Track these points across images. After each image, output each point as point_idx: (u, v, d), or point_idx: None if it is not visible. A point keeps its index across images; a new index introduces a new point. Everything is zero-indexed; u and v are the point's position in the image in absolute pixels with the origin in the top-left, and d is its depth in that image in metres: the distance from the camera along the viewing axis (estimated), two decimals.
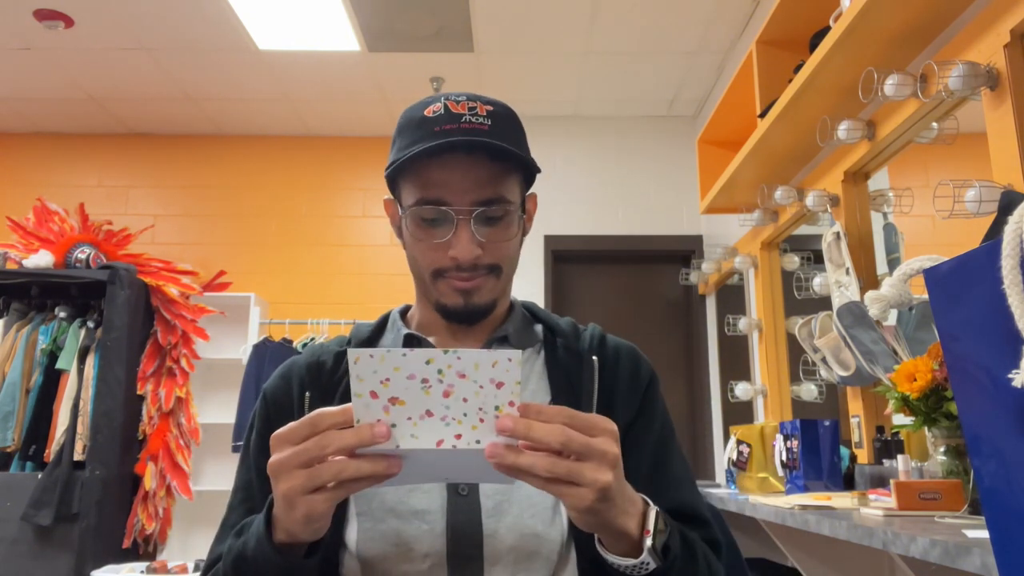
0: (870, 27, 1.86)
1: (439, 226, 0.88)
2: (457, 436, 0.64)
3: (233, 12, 3.39)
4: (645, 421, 0.92)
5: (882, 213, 2.36)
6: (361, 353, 0.64)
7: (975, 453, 0.65)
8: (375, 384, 0.64)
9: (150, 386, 3.80)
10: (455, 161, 0.86)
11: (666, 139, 4.39)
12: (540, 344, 0.97)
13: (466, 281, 0.89)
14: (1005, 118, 1.59)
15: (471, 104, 0.89)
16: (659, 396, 0.96)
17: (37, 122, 4.56)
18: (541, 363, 0.95)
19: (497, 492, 0.83)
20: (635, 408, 0.91)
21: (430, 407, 0.64)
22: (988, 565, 0.93)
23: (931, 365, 1.50)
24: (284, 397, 0.93)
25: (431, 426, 0.64)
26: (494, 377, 0.64)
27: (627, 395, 0.92)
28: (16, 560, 3.39)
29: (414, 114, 0.90)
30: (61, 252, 3.78)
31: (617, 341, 0.99)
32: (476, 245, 0.87)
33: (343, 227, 4.57)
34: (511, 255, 0.93)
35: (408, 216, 0.90)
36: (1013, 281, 0.59)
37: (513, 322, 0.97)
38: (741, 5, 3.36)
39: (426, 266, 0.91)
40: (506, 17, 3.45)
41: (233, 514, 0.88)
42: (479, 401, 0.64)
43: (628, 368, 0.94)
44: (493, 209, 0.88)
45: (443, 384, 0.64)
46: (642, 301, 4.28)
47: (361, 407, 0.64)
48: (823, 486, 2.02)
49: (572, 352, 0.94)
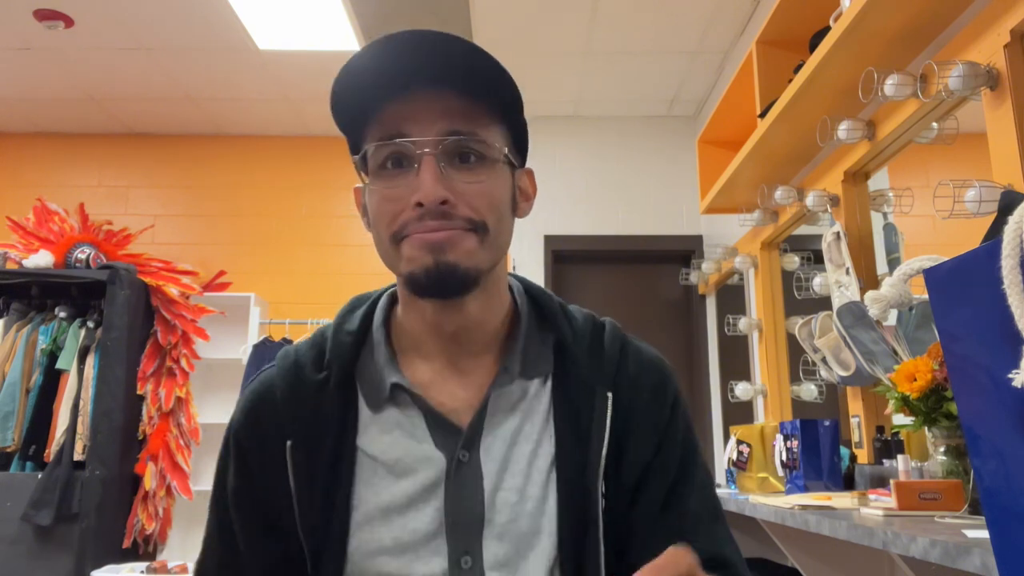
0: (870, 27, 1.86)
1: (401, 174, 0.73)
2: None
3: (233, 12, 3.39)
4: (663, 458, 0.79)
5: (882, 213, 2.36)
6: None
7: (975, 453, 0.65)
8: None
9: (150, 386, 3.80)
10: (417, 96, 0.72)
11: (666, 139, 4.39)
12: (549, 373, 0.81)
13: (435, 232, 0.71)
14: (1005, 118, 1.59)
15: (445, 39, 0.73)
16: (680, 423, 0.81)
17: (37, 122, 4.56)
18: (548, 398, 0.80)
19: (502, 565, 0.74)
20: (653, 444, 0.79)
21: None
22: (988, 565, 0.93)
23: (931, 365, 1.50)
24: (259, 443, 0.78)
25: None
26: None
27: (644, 434, 0.79)
28: (16, 560, 3.39)
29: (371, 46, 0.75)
30: (61, 252, 3.78)
31: (639, 359, 0.83)
32: (443, 186, 0.71)
33: (343, 227, 4.56)
34: (495, 207, 0.74)
35: (368, 174, 0.75)
36: (1013, 281, 0.59)
37: (521, 346, 0.80)
38: (741, 5, 3.35)
39: (386, 227, 0.73)
40: (506, 17, 3.45)
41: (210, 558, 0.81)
42: None
43: (647, 400, 0.80)
44: (464, 142, 0.72)
45: None
46: (642, 301, 4.28)
47: None
48: (823, 486, 2.02)
49: (583, 386, 0.79)
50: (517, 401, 0.79)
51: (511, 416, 0.78)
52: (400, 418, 0.77)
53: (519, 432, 0.78)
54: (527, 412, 0.79)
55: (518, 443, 0.77)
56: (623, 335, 0.85)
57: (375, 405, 0.78)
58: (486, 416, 0.77)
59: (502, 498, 0.75)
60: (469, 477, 0.75)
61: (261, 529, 0.78)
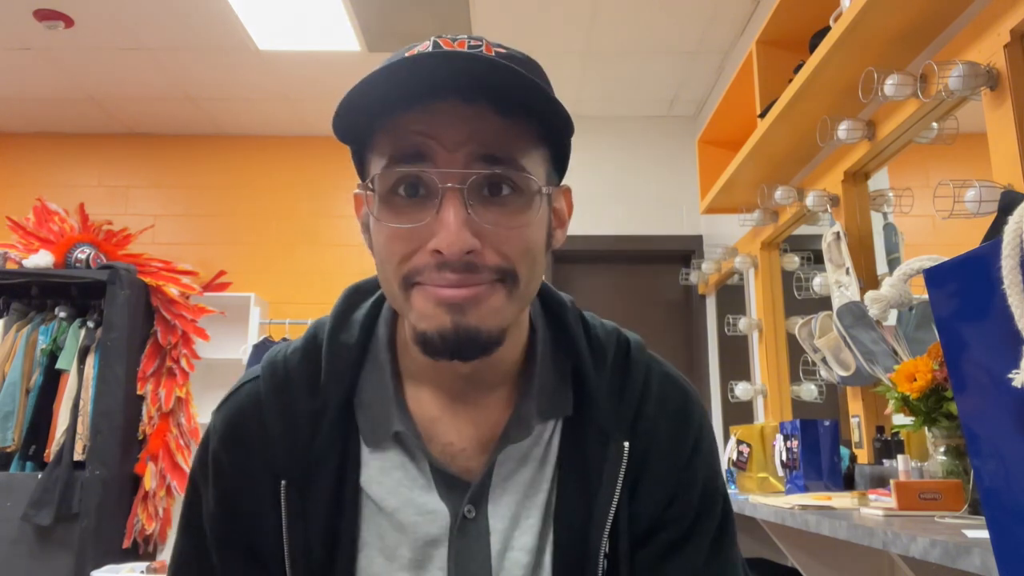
0: (870, 27, 1.86)
1: (419, 206, 0.59)
2: None
3: (233, 12, 3.39)
4: (672, 516, 0.70)
5: (882, 213, 2.36)
6: None
7: (975, 453, 0.65)
8: None
9: (150, 386, 3.80)
10: (444, 109, 0.58)
11: (666, 139, 4.39)
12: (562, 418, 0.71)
13: (456, 288, 0.58)
14: (1005, 118, 1.58)
15: (473, 42, 0.61)
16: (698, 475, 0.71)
17: (37, 122, 4.56)
18: (557, 443, 0.70)
19: None
20: (664, 499, 0.70)
21: None
22: (988, 565, 0.93)
23: (931, 365, 1.50)
24: (241, 472, 0.68)
25: None
26: None
27: (657, 484, 0.70)
28: (16, 560, 3.39)
29: (393, 56, 0.63)
30: (61, 252, 3.78)
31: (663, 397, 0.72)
32: (470, 231, 0.57)
33: (343, 227, 4.56)
34: (528, 252, 0.61)
35: (375, 196, 0.61)
36: (1013, 281, 0.59)
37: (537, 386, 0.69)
38: (741, 5, 3.35)
39: (394, 269, 0.60)
40: (506, 17, 3.45)
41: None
42: None
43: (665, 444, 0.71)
44: (499, 173, 0.59)
45: None
46: (642, 301, 4.28)
47: None
48: (823, 486, 2.02)
49: (598, 430, 0.69)
50: (530, 448, 0.70)
51: (523, 467, 0.69)
52: (404, 460, 0.69)
53: (532, 484, 0.69)
54: (540, 460, 0.70)
55: (530, 496, 0.69)
56: (648, 360, 0.75)
57: (375, 444, 0.69)
58: (495, 468, 0.69)
59: (512, 559, 0.68)
60: (475, 536, 0.68)
61: (243, 558, 0.69)
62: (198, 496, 0.72)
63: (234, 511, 0.69)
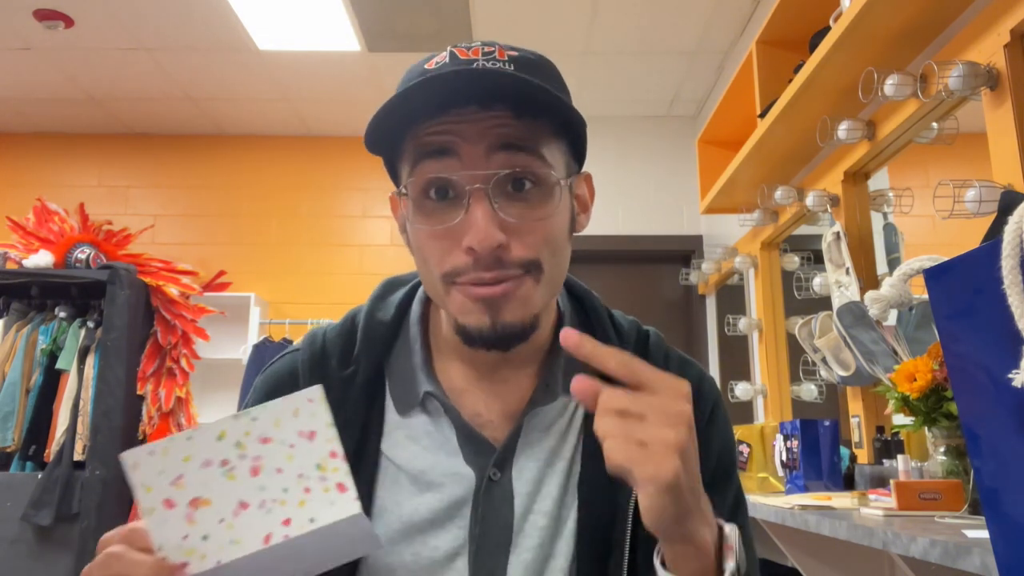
0: (870, 27, 1.86)
1: (448, 207, 0.65)
2: (285, 522, 0.52)
3: (233, 12, 3.39)
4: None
5: (882, 213, 2.36)
6: (138, 455, 0.52)
7: (975, 453, 0.65)
8: (166, 488, 0.52)
9: (150, 386, 3.80)
10: (464, 115, 0.63)
11: (666, 139, 4.39)
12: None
13: (490, 286, 0.64)
14: (1005, 118, 1.58)
15: (486, 49, 0.66)
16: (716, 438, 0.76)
17: (37, 122, 4.56)
18: (580, 417, 0.74)
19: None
20: None
21: (242, 496, 0.52)
22: (988, 565, 0.93)
23: (931, 365, 1.50)
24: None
25: (250, 521, 0.51)
26: (302, 428, 0.52)
27: None
28: (16, 560, 3.39)
29: (414, 69, 0.68)
30: (61, 252, 3.78)
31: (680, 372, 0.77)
32: (497, 226, 0.63)
33: (343, 227, 4.56)
34: (551, 242, 0.66)
35: (409, 200, 0.66)
36: (1013, 281, 0.59)
37: (563, 360, 0.74)
38: (741, 5, 3.35)
39: (436, 267, 0.66)
40: (506, 17, 3.45)
41: None
42: (296, 467, 0.52)
43: None
44: (520, 170, 0.64)
45: (247, 459, 0.52)
46: (642, 301, 4.28)
47: (158, 527, 0.51)
48: (823, 486, 2.02)
49: None
50: (554, 419, 0.74)
51: (547, 436, 0.73)
52: (429, 427, 0.73)
53: (555, 454, 0.73)
54: (563, 431, 0.74)
55: (553, 465, 0.73)
56: (667, 347, 0.81)
57: (404, 409, 0.73)
58: (521, 435, 0.73)
59: (532, 522, 0.71)
60: (499, 498, 0.70)
61: None
62: None
63: None
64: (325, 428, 0.53)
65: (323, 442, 0.53)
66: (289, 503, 0.52)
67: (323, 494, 0.52)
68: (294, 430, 0.53)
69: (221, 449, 0.52)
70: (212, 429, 0.52)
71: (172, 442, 0.52)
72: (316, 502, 0.52)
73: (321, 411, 0.53)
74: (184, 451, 0.52)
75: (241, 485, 0.52)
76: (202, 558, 0.51)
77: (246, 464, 0.52)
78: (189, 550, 0.51)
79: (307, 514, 0.52)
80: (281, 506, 0.52)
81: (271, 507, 0.52)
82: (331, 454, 0.53)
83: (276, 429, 0.52)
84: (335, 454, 0.53)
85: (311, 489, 0.52)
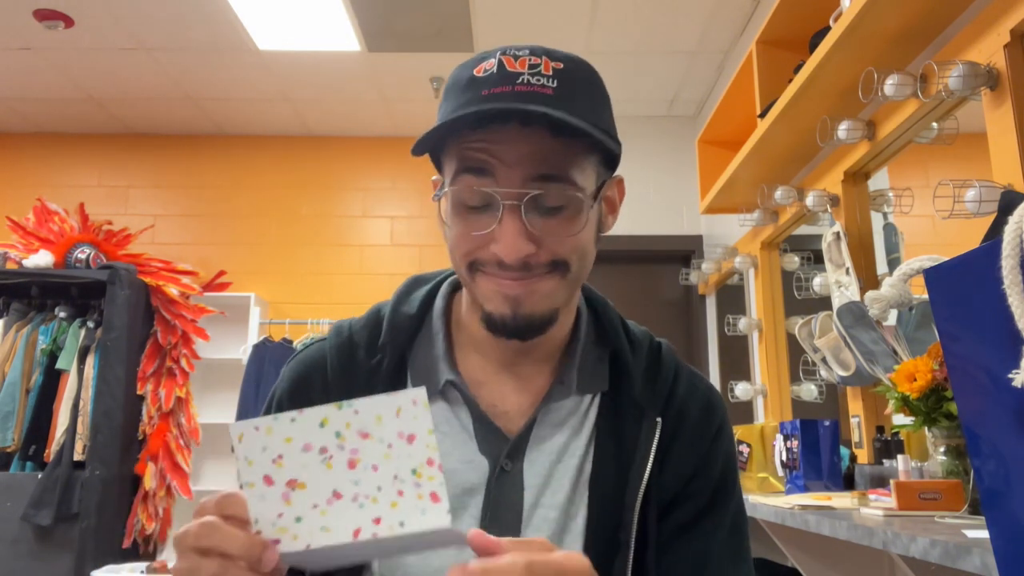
0: (870, 27, 1.86)
1: (483, 212, 0.69)
2: (376, 520, 0.53)
3: (233, 12, 3.39)
4: (694, 488, 0.77)
5: (882, 213, 2.36)
6: (244, 428, 0.53)
7: (975, 453, 0.65)
8: (267, 465, 0.53)
9: (150, 386, 3.80)
10: (505, 132, 0.67)
11: (666, 139, 4.39)
12: (599, 392, 0.78)
13: (516, 281, 0.68)
14: (1005, 118, 1.58)
15: (533, 60, 0.68)
16: (719, 457, 0.79)
17: (37, 122, 4.56)
18: (595, 415, 0.78)
19: None
20: (685, 476, 0.77)
21: (336, 486, 0.53)
22: (988, 565, 0.93)
23: (931, 365, 1.50)
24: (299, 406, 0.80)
25: (342, 512, 0.53)
26: (403, 430, 0.53)
27: (681, 461, 0.77)
28: (16, 560, 3.39)
29: (462, 74, 0.70)
30: (61, 252, 3.78)
31: (691, 385, 0.81)
32: (527, 239, 0.67)
33: (343, 227, 4.56)
34: (579, 247, 0.70)
35: (447, 197, 0.71)
36: (1013, 281, 0.59)
37: (578, 360, 0.78)
38: (741, 5, 3.35)
39: (462, 256, 0.70)
40: (506, 17, 3.45)
41: None
42: (392, 467, 0.53)
43: (691, 428, 0.78)
44: (552, 193, 0.67)
45: (345, 451, 0.53)
46: (642, 301, 4.28)
47: (256, 501, 0.53)
48: (823, 486, 2.02)
49: (634, 406, 0.77)
50: (567, 416, 0.77)
51: (559, 431, 0.76)
52: (448, 415, 0.76)
53: (566, 449, 0.76)
54: (576, 428, 0.77)
55: (563, 460, 0.75)
56: (677, 359, 0.84)
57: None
58: (535, 428, 0.76)
59: (541, 515, 0.73)
60: (509, 488, 0.73)
61: None
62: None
63: None
64: (425, 434, 0.53)
65: (422, 447, 0.53)
66: (381, 502, 0.53)
67: (416, 500, 0.53)
68: (394, 430, 0.53)
69: (322, 436, 0.53)
70: (315, 414, 0.53)
71: (277, 421, 0.53)
72: (408, 507, 0.53)
73: (423, 415, 0.53)
74: (287, 432, 0.53)
75: (337, 475, 0.53)
76: (294, 538, 0.53)
77: (344, 456, 0.53)
78: (282, 528, 0.53)
79: (398, 517, 0.53)
80: (373, 504, 0.53)
81: (363, 503, 0.53)
82: (428, 461, 0.53)
83: (377, 425, 0.53)
84: (432, 462, 0.53)
85: (404, 493, 0.53)
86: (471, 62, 0.70)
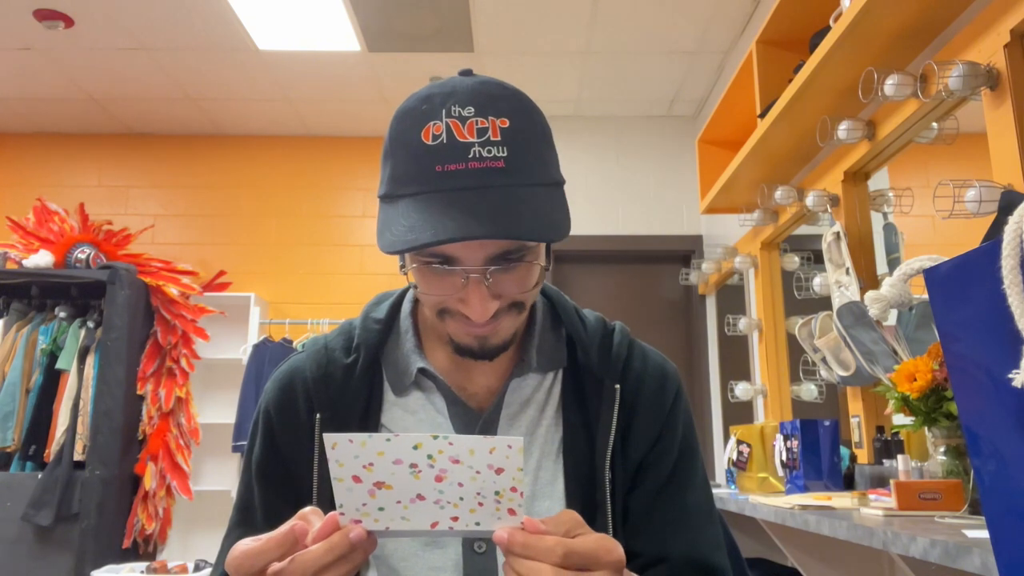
0: (870, 27, 1.86)
1: (448, 274, 0.73)
2: (454, 519, 0.58)
3: (233, 12, 3.39)
4: (660, 450, 0.83)
5: (882, 213, 2.36)
6: (339, 439, 0.56)
7: (975, 453, 0.65)
8: (357, 468, 0.57)
9: (150, 386, 3.80)
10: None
11: (666, 139, 4.39)
12: (560, 369, 0.86)
13: (482, 327, 0.75)
14: (1005, 118, 1.59)
15: (480, 123, 0.69)
16: (679, 421, 0.85)
17: (37, 122, 4.56)
18: (558, 392, 0.85)
19: None
20: (652, 438, 0.83)
21: (421, 491, 0.58)
22: (988, 565, 0.93)
23: (931, 365, 1.50)
24: (289, 415, 0.83)
25: (423, 509, 0.58)
26: (493, 463, 0.56)
27: (646, 425, 0.83)
28: (16, 560, 3.39)
29: (410, 135, 0.71)
30: (61, 252, 3.78)
31: (644, 356, 0.88)
32: (492, 298, 0.73)
33: (343, 227, 4.57)
34: (534, 284, 0.77)
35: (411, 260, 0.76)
36: (1013, 281, 0.59)
37: (536, 341, 0.85)
38: (741, 5, 3.35)
39: (431, 305, 0.77)
40: (506, 17, 3.45)
41: (230, 537, 0.83)
42: (476, 486, 0.57)
43: (650, 393, 0.84)
44: (511, 262, 0.73)
45: (434, 469, 0.57)
46: (642, 301, 4.28)
47: (344, 492, 0.58)
48: (823, 486, 2.02)
49: (593, 378, 0.84)
50: (533, 393, 0.84)
51: (527, 408, 0.83)
52: (423, 401, 0.83)
53: (536, 423, 0.83)
54: (541, 404, 0.84)
55: (534, 433, 0.82)
56: (630, 337, 0.89)
57: (399, 390, 0.84)
58: (504, 406, 0.82)
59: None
60: None
61: (280, 498, 0.81)
62: (251, 452, 0.85)
63: (276, 450, 0.83)
64: (515, 471, 0.57)
65: (508, 479, 0.57)
66: (461, 508, 0.58)
67: (494, 511, 0.58)
68: (485, 463, 0.56)
69: (413, 455, 0.57)
70: (410, 438, 0.57)
71: (371, 438, 0.57)
72: (485, 514, 0.58)
73: (515, 458, 0.56)
74: (380, 447, 0.57)
75: (423, 484, 0.57)
76: (375, 521, 0.59)
77: (432, 472, 0.57)
78: (365, 513, 0.59)
79: (474, 519, 0.58)
80: (453, 507, 0.58)
81: (444, 505, 0.58)
82: (512, 488, 0.57)
83: (469, 456, 0.56)
84: (515, 489, 0.57)
85: (484, 504, 0.58)
86: (416, 118, 0.71)
